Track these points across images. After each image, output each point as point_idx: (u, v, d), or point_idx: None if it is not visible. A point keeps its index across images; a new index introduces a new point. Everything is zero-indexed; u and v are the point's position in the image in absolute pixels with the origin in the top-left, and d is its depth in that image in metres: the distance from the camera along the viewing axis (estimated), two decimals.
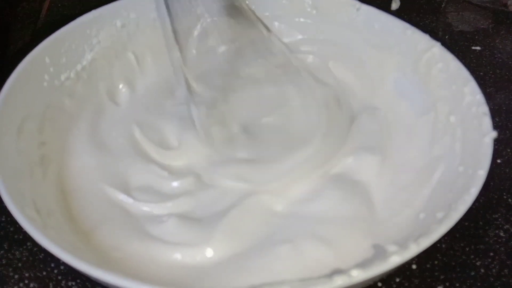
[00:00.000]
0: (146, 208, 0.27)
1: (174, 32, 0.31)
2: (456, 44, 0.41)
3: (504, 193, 0.30)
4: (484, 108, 0.26)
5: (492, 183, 0.30)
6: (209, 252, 0.25)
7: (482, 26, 0.44)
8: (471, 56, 0.40)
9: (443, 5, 0.46)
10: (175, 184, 0.28)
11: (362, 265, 0.19)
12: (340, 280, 0.19)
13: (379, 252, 0.22)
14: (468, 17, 0.45)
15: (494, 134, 0.25)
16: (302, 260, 0.24)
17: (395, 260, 0.19)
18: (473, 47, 0.41)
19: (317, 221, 0.26)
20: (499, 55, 0.40)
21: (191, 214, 0.27)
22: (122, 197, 0.27)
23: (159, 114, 0.32)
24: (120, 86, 0.34)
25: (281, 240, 0.25)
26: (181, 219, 0.26)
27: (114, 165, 0.29)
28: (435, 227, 0.21)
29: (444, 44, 0.31)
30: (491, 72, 0.39)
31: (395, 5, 0.45)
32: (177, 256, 0.25)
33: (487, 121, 0.26)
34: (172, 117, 0.31)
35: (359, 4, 0.35)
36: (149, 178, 0.28)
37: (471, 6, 0.46)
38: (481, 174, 0.23)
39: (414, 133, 0.30)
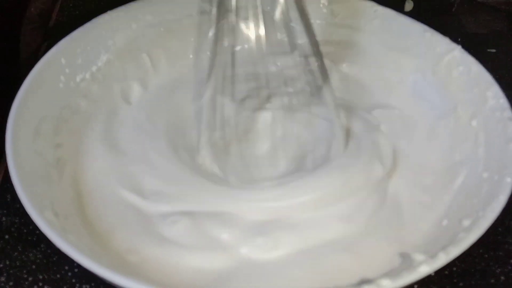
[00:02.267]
0: (161, 209, 0.26)
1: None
2: (470, 46, 0.40)
3: None
4: (509, 113, 0.26)
5: None
6: (226, 258, 0.24)
7: (497, 28, 0.43)
8: (486, 58, 0.40)
9: (454, 7, 0.46)
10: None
11: (390, 274, 0.19)
12: None
13: (406, 261, 0.22)
14: (483, 19, 0.44)
15: None
16: (326, 269, 0.24)
17: (424, 270, 0.19)
18: (488, 50, 0.41)
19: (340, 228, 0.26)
20: None
21: (206, 215, 0.26)
22: (136, 199, 0.27)
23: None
24: (134, 87, 0.34)
25: (302, 249, 0.24)
26: (197, 220, 0.26)
27: (129, 167, 0.28)
28: (464, 235, 0.20)
29: None
30: (507, 75, 0.39)
31: (408, 7, 0.44)
32: (194, 260, 0.24)
33: None
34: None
35: (376, 6, 0.34)
36: (164, 180, 0.28)
37: (485, 8, 0.45)
38: (509, 181, 0.22)
39: (433, 136, 0.30)
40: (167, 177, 0.28)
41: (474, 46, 0.40)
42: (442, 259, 0.19)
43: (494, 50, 0.40)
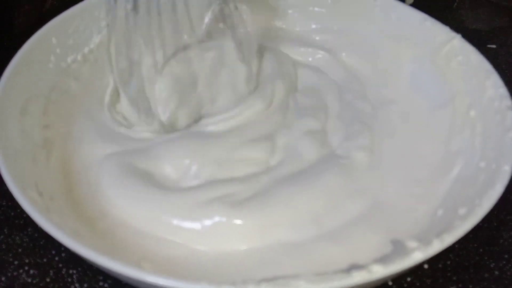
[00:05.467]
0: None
1: None
2: (470, 41, 0.40)
3: None
4: (508, 102, 0.25)
5: (507, 184, 0.29)
6: (221, 246, 0.24)
7: (498, 24, 0.43)
8: (486, 54, 0.39)
9: (456, 2, 0.45)
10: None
11: (382, 260, 0.18)
12: (359, 275, 0.18)
13: (399, 248, 0.21)
14: (483, 15, 0.44)
15: None
16: (314, 258, 0.23)
17: (417, 256, 0.18)
18: (488, 45, 0.40)
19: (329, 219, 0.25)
20: None
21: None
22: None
23: None
24: None
25: (288, 240, 0.24)
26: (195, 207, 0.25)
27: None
28: (459, 223, 0.20)
29: None
30: (507, 70, 0.38)
31: (409, 0, 0.44)
32: (185, 246, 0.24)
33: (511, 116, 0.25)
34: None
35: None
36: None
37: (486, 3, 0.45)
38: (507, 169, 0.22)
39: (430, 127, 0.29)
40: (162, 159, 0.27)
41: (474, 42, 0.40)
42: (436, 246, 0.19)
43: (494, 46, 0.40)
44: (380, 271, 0.18)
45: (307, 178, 0.26)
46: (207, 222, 0.24)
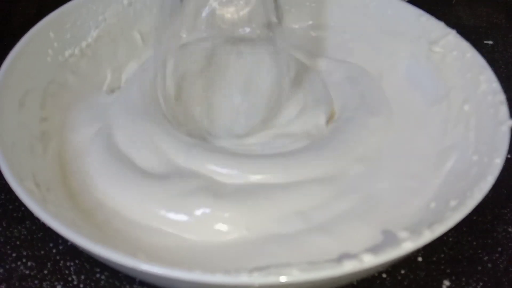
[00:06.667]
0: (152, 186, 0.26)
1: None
2: (467, 37, 0.40)
3: None
4: (501, 97, 0.26)
5: (501, 178, 0.30)
6: (211, 236, 0.24)
7: (495, 21, 0.43)
8: (483, 50, 0.40)
9: None
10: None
11: (373, 250, 0.19)
12: (350, 264, 0.18)
13: (390, 238, 0.21)
14: (481, 11, 0.44)
15: (511, 122, 0.24)
16: (304, 248, 0.23)
17: (408, 246, 0.19)
18: (485, 41, 0.40)
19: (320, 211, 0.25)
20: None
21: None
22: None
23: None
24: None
25: (279, 231, 0.24)
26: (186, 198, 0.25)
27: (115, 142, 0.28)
28: (450, 214, 0.20)
29: None
30: (503, 66, 0.38)
31: None
32: (178, 235, 0.24)
33: (504, 110, 0.25)
34: None
35: None
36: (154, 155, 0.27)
37: (484, 0, 0.45)
38: (498, 162, 0.22)
39: (425, 121, 0.30)
40: (158, 152, 0.27)
41: (471, 38, 0.40)
42: (427, 236, 0.19)
43: (491, 42, 0.40)
44: (371, 260, 0.18)
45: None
46: (194, 212, 0.24)
